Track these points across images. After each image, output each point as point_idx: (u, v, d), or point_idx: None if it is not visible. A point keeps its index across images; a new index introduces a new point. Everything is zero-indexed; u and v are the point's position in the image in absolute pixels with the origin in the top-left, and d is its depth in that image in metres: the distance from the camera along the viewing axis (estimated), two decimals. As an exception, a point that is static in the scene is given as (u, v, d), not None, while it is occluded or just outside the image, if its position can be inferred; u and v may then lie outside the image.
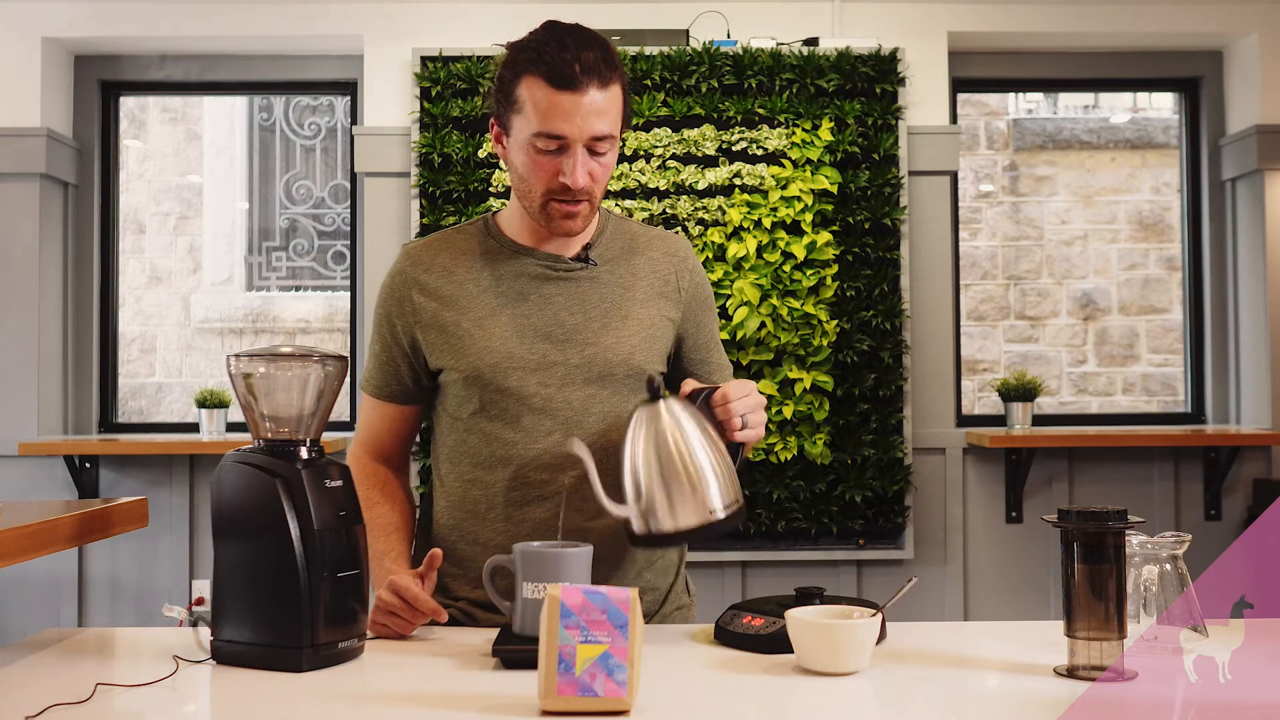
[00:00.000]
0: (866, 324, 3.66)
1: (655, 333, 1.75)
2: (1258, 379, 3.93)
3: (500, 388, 1.68)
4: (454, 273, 1.73)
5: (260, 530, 1.37)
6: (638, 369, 1.72)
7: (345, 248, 4.89)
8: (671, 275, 1.79)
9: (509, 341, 1.69)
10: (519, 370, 1.68)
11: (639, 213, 3.59)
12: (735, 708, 1.25)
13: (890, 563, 3.72)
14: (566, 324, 1.70)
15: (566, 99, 1.59)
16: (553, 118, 1.59)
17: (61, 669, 1.40)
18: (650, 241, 1.81)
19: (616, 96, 1.64)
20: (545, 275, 1.73)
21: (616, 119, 1.65)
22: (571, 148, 1.61)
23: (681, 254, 1.82)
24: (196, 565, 3.82)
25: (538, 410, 1.68)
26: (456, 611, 1.72)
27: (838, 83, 3.66)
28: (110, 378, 4.06)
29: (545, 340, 1.69)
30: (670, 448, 1.48)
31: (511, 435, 1.69)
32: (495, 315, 1.70)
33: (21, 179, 3.78)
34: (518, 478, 1.69)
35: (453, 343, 1.70)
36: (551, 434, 1.68)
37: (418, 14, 3.81)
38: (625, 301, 1.74)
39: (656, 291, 1.77)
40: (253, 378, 1.42)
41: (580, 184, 1.62)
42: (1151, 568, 1.46)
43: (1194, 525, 3.84)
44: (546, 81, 1.59)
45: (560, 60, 1.58)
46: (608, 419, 1.70)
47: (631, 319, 1.73)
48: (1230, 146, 4.03)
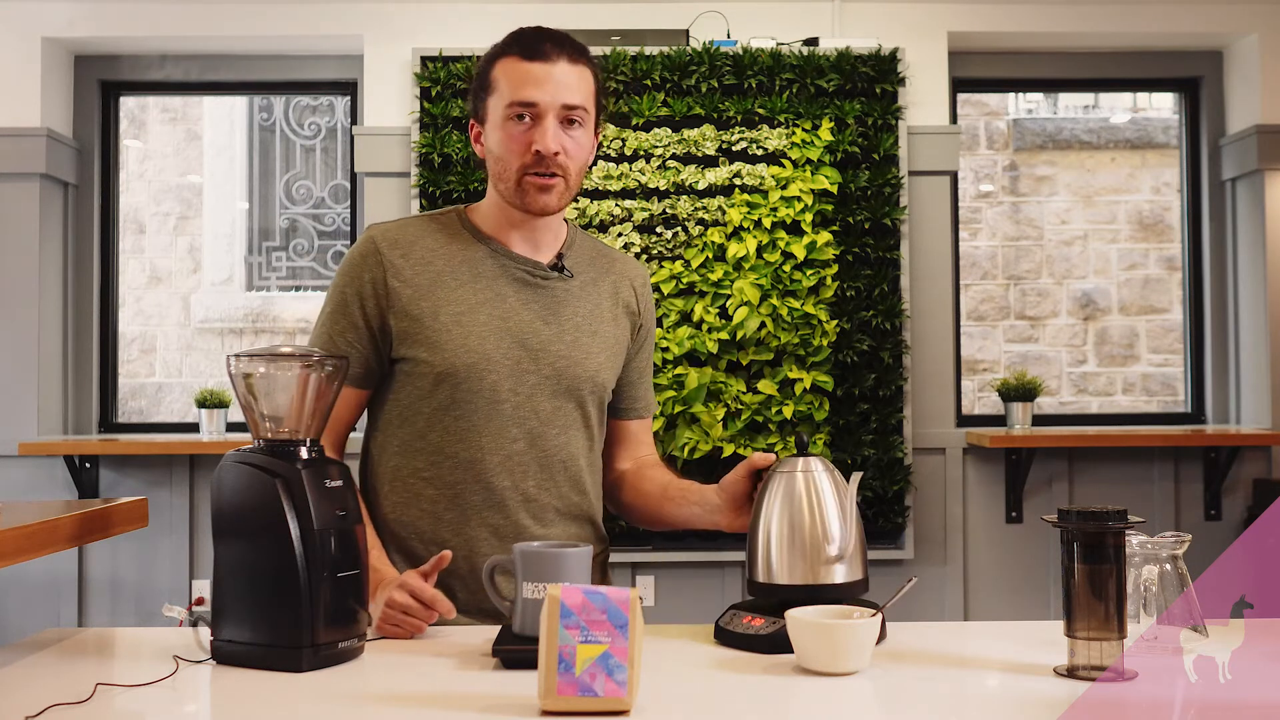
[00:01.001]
0: (866, 324, 3.66)
1: (616, 353, 1.81)
2: (1258, 379, 3.93)
3: (474, 388, 1.68)
4: (432, 263, 1.73)
5: (260, 530, 1.37)
6: (601, 387, 1.77)
7: (345, 248, 4.89)
8: (633, 300, 1.85)
9: (486, 342, 1.69)
10: (494, 373, 1.69)
11: (639, 213, 3.59)
12: (735, 708, 1.25)
13: (890, 563, 3.72)
14: (541, 333, 1.73)
15: (537, 68, 1.67)
16: (524, 86, 1.67)
17: (61, 669, 1.40)
18: (614, 263, 1.86)
19: (588, 78, 1.71)
20: (524, 280, 1.74)
21: (589, 97, 1.70)
22: (543, 116, 1.66)
23: (642, 280, 1.89)
24: (196, 565, 3.82)
25: (506, 416, 1.70)
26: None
27: (838, 83, 3.66)
28: (110, 378, 4.06)
29: (520, 347, 1.71)
30: (802, 507, 1.51)
31: (477, 437, 1.69)
32: (473, 313, 1.70)
33: (21, 179, 3.78)
34: (479, 480, 1.70)
35: (428, 335, 1.69)
36: (516, 441, 1.71)
37: (418, 14, 3.81)
38: (594, 319, 1.78)
39: (622, 312, 1.83)
40: (253, 378, 1.42)
41: (551, 148, 1.66)
42: (1151, 568, 1.46)
43: (1194, 525, 3.84)
44: (519, 56, 1.69)
45: (532, 38, 1.69)
46: (568, 432, 1.74)
47: (599, 337, 1.77)
48: (1230, 146, 4.03)
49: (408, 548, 1.73)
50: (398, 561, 1.72)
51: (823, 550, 1.49)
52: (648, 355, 1.91)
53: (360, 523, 1.44)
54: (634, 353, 1.86)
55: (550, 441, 1.73)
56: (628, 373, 1.86)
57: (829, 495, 1.52)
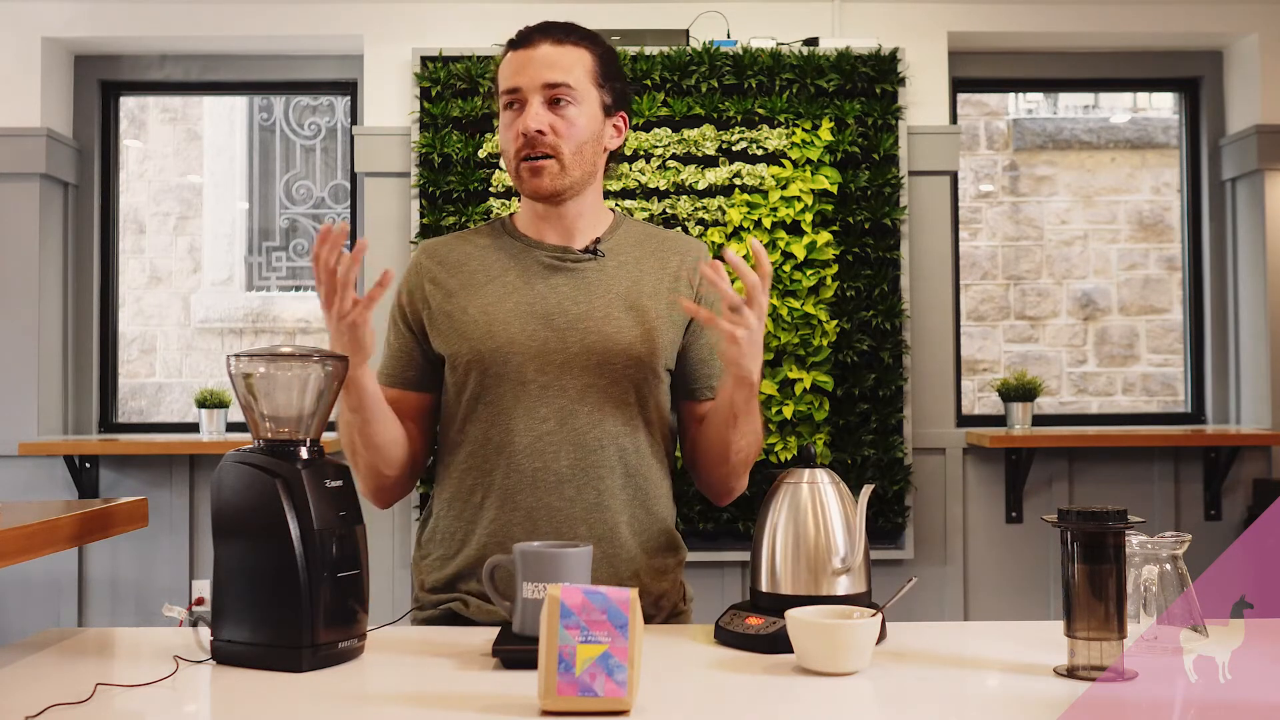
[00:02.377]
0: (866, 324, 3.66)
1: (660, 328, 1.75)
2: (1258, 379, 3.93)
3: (498, 372, 1.70)
4: (466, 265, 1.77)
5: (260, 530, 1.37)
6: (637, 360, 1.72)
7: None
8: (684, 274, 1.79)
9: (510, 326, 1.71)
10: (518, 355, 1.70)
11: (639, 213, 3.59)
12: (735, 708, 1.25)
13: (890, 563, 3.72)
14: (570, 312, 1.72)
15: (520, 55, 1.72)
16: (509, 75, 1.72)
17: (61, 669, 1.40)
18: (666, 241, 1.83)
19: (577, 55, 1.72)
20: (553, 266, 1.75)
21: (578, 75, 1.71)
22: (527, 100, 1.69)
23: (695, 254, 1.82)
24: (196, 565, 3.82)
25: (534, 396, 1.69)
26: (459, 604, 1.72)
27: (838, 83, 3.66)
28: (110, 378, 4.05)
29: (546, 327, 1.71)
30: (807, 519, 1.51)
31: (507, 421, 1.70)
32: (500, 303, 1.73)
33: (21, 179, 3.78)
34: (511, 465, 1.70)
35: (458, 327, 1.73)
36: (546, 421, 1.69)
37: (418, 14, 3.81)
38: (632, 294, 1.75)
39: (667, 288, 1.77)
40: (253, 378, 1.42)
41: (533, 127, 1.68)
42: (1151, 568, 1.46)
43: (1194, 525, 3.84)
44: (510, 49, 1.74)
45: (525, 29, 1.74)
46: (603, 409, 1.70)
47: (636, 311, 1.74)
48: (1230, 146, 4.03)
49: (456, 537, 1.74)
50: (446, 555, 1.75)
51: (827, 562, 1.49)
52: None
53: (360, 523, 1.44)
54: (700, 327, 1.78)
55: (581, 420, 1.69)
56: (696, 349, 1.80)
57: (834, 507, 1.52)
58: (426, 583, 1.77)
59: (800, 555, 1.50)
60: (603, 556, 1.68)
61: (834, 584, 1.49)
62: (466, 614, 1.70)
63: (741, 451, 1.73)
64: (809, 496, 1.52)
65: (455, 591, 1.73)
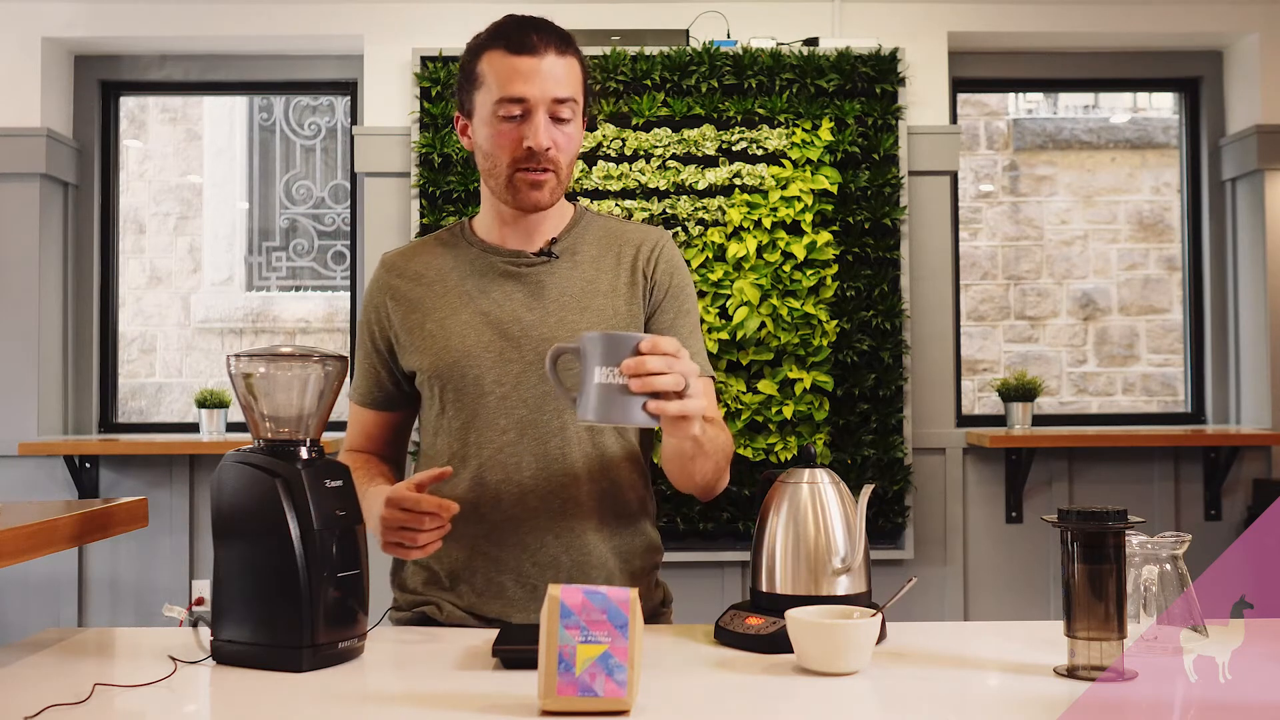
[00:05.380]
0: (866, 324, 3.66)
1: (616, 325, 1.71)
2: (1258, 379, 3.93)
3: (458, 386, 1.69)
4: (424, 276, 1.76)
5: (260, 530, 1.37)
6: None
7: (345, 248, 4.89)
8: (640, 266, 1.75)
9: (466, 339, 1.70)
10: (475, 367, 1.69)
11: (639, 213, 3.59)
12: (735, 708, 1.25)
13: (890, 563, 3.72)
14: (524, 319, 1.70)
15: (525, 62, 1.64)
16: (513, 81, 1.64)
17: (61, 669, 1.40)
18: (624, 233, 1.79)
19: (575, 70, 1.69)
20: (507, 272, 1.73)
21: (577, 89, 1.69)
22: (533, 112, 1.64)
23: (652, 244, 1.77)
24: (196, 565, 3.82)
25: (492, 409, 1.68)
26: (432, 609, 1.72)
27: (838, 83, 3.66)
28: (110, 378, 4.06)
29: (502, 337, 1.69)
30: (807, 519, 1.51)
31: (469, 435, 1.69)
32: (457, 314, 1.71)
33: (21, 179, 3.78)
34: (476, 479, 1.69)
35: (418, 343, 1.72)
36: (506, 432, 1.68)
37: (418, 14, 3.81)
38: (585, 294, 1.72)
39: (624, 283, 1.74)
40: (253, 378, 1.42)
41: (543, 144, 1.64)
42: (1151, 568, 1.46)
43: (1194, 525, 3.84)
44: (505, 50, 1.65)
45: (518, 30, 1.66)
46: (563, 416, 1.68)
47: (590, 311, 1.71)
48: (1230, 146, 4.03)
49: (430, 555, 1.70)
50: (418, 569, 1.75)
51: (827, 562, 1.49)
52: (683, 322, 1.75)
53: (361, 523, 1.44)
54: (661, 322, 1.74)
55: (544, 428, 1.68)
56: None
57: (834, 507, 1.52)
58: (407, 584, 1.77)
59: (800, 555, 1.50)
60: (573, 564, 1.68)
61: (834, 584, 1.49)
62: (440, 618, 1.71)
63: (708, 475, 1.66)
64: (809, 496, 1.52)
65: (430, 597, 1.73)
